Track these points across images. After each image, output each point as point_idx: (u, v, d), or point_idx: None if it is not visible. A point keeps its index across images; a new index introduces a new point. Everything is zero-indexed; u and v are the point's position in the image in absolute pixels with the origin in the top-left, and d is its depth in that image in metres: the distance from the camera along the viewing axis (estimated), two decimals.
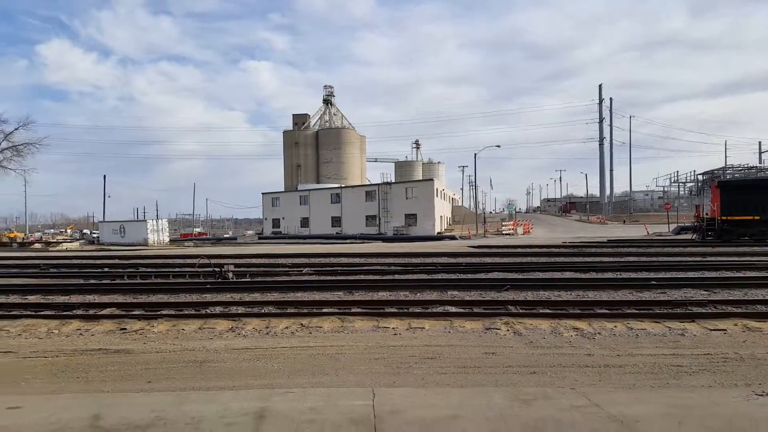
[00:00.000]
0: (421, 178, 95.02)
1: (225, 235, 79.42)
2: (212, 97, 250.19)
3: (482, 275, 14.92)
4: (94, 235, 67.06)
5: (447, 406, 4.35)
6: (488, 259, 19.99)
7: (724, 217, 27.29)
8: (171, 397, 4.77)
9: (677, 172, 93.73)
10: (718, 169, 76.40)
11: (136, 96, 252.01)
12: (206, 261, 17.89)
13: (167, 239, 58.09)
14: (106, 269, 18.51)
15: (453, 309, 9.51)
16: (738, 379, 5.30)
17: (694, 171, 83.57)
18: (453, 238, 46.90)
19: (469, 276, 14.73)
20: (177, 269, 17.59)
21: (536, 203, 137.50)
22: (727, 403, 4.39)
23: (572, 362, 6.11)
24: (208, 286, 13.02)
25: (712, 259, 18.30)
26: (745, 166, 75.59)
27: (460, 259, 19.92)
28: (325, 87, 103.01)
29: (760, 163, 75.76)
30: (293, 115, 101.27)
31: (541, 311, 9.18)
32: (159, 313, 9.64)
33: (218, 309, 10.09)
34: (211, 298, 11.63)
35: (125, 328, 8.58)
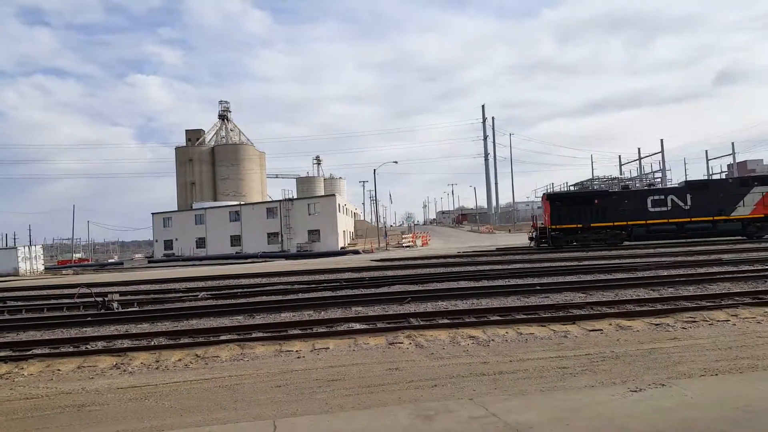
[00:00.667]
0: (323, 193, 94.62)
1: (110, 260, 73.46)
2: (95, 113, 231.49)
3: (385, 289, 15.12)
4: None
5: (352, 431, 4.30)
6: (390, 272, 20.31)
7: (554, 226, 30.84)
8: None
9: (552, 183, 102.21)
10: (586, 180, 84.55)
11: (6, 111, 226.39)
12: (87, 290, 16.31)
13: (42, 267, 52.41)
14: None
15: (357, 326, 9.51)
16: (615, 377, 5.80)
17: (567, 182, 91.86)
18: (356, 252, 47.15)
19: (373, 290, 14.85)
20: (53, 301, 15.89)
21: (432, 216, 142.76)
22: (607, 402, 4.78)
23: (470, 371, 6.33)
24: (89, 318, 11.87)
25: (587, 263, 20.08)
26: (608, 177, 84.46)
27: (364, 274, 20.04)
28: (221, 102, 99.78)
29: (620, 174, 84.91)
30: (186, 130, 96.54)
31: (440, 322, 9.46)
32: (30, 352, 8.60)
33: (101, 344, 9.21)
34: (93, 332, 10.61)
35: None
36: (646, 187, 36.05)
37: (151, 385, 6.45)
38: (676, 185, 32.53)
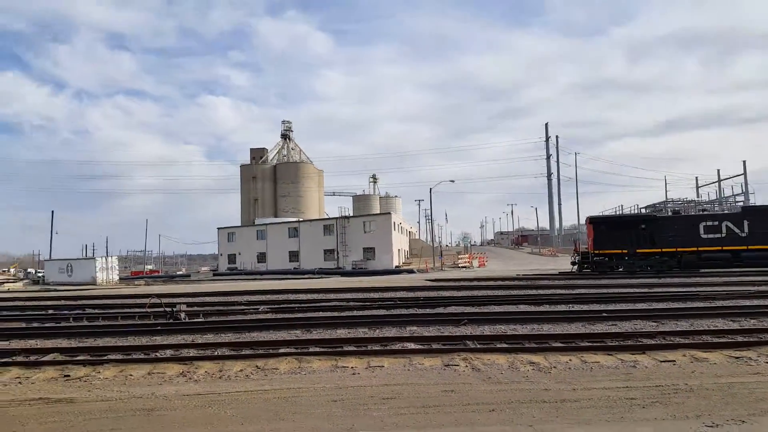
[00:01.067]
0: (378, 211, 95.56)
1: (178, 272, 77.08)
2: (169, 132, 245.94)
3: (440, 309, 14.97)
4: (40, 274, 63.60)
5: None
6: (446, 293, 20.10)
7: (597, 251, 29.87)
8: None
9: (621, 206, 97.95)
10: (659, 203, 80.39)
11: (90, 129, 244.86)
12: (157, 300, 17.19)
13: (117, 278, 55.84)
14: (50, 311, 17.52)
15: (412, 345, 9.45)
16: (689, 411, 5.45)
17: (637, 205, 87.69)
18: (411, 271, 47.06)
19: (428, 310, 14.74)
20: (126, 310, 16.84)
21: (490, 236, 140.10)
22: None
23: (529, 398, 6.14)
24: (159, 327, 12.49)
25: (658, 290, 19.03)
26: (684, 199, 79.99)
27: (418, 293, 19.95)
28: (284, 122, 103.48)
29: (697, 196, 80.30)
30: (251, 149, 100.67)
31: (498, 346, 9.24)
32: (105, 357, 9.14)
33: (169, 352, 9.65)
34: (162, 340, 11.14)
35: (69, 375, 8.07)
36: (698, 212, 34.12)
37: (214, 393, 6.69)
38: (732, 211, 30.46)
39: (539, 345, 9.20)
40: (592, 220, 31.68)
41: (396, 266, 54.51)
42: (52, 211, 70.64)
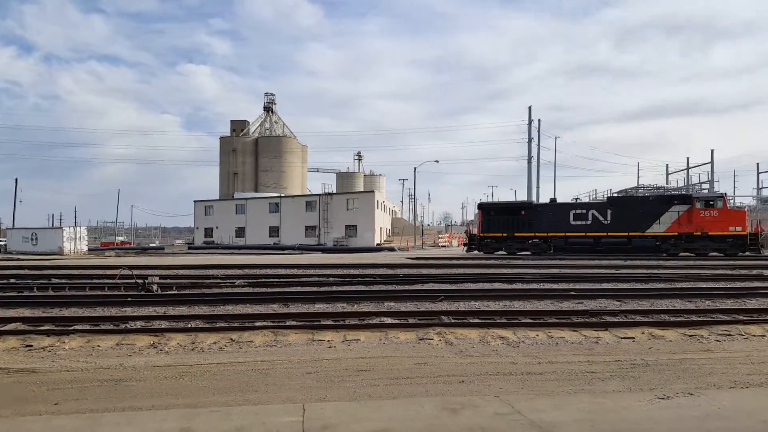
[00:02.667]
0: (362, 189, 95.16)
1: (151, 245, 75.91)
2: (145, 100, 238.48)
3: (418, 286, 15.17)
4: (1, 243, 61.79)
5: (378, 419, 4.39)
6: (425, 271, 20.34)
7: (483, 234, 32.82)
8: (81, 421, 4.49)
9: (595, 190, 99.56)
10: (631, 188, 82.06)
11: (61, 95, 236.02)
12: (128, 272, 16.98)
13: (86, 248, 54.54)
14: (12, 280, 17.06)
15: (389, 320, 9.61)
16: (644, 384, 5.71)
17: (611, 189, 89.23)
18: (392, 249, 47.40)
19: (406, 287, 14.93)
20: (95, 281, 16.55)
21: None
22: (634, 407, 4.72)
23: (498, 370, 6.34)
24: (129, 299, 12.37)
25: (624, 271, 19.61)
26: (654, 185, 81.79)
27: (398, 271, 20.13)
28: (266, 94, 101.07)
29: (667, 183, 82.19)
30: (231, 121, 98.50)
31: (471, 321, 9.47)
32: (72, 328, 8.98)
33: (139, 323, 9.60)
34: (132, 312, 11.05)
35: (31, 345, 7.95)
36: (571, 201, 36.63)
37: (186, 365, 6.71)
38: (599, 200, 32.81)
39: (510, 321, 9.45)
40: (481, 207, 34.57)
41: (377, 244, 54.70)
42: (16, 179, 68.24)
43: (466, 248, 34.67)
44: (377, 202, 59.32)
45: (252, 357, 7.15)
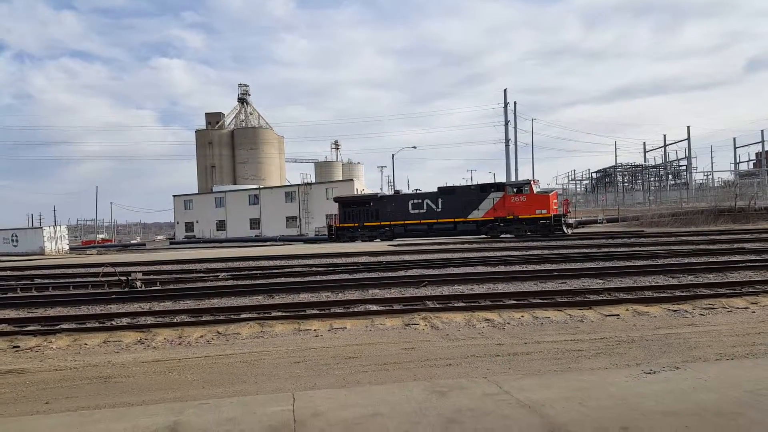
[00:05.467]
0: (341, 178, 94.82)
1: (132, 242, 74.86)
2: (119, 96, 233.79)
3: (402, 272, 15.22)
4: None
5: (368, 404, 4.42)
6: (407, 257, 20.40)
7: (339, 224, 36.47)
8: (72, 418, 4.46)
9: (574, 170, 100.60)
10: (609, 167, 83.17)
11: (34, 93, 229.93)
12: (111, 269, 16.77)
13: (67, 247, 53.63)
14: None
15: (374, 307, 9.64)
16: (630, 360, 5.83)
17: (589, 170, 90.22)
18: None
19: (390, 274, 14.97)
20: (78, 279, 16.33)
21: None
22: (621, 383, 4.82)
23: (485, 352, 6.42)
24: (114, 296, 12.22)
25: (606, 250, 19.91)
26: (632, 164, 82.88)
27: (381, 258, 20.17)
28: (240, 85, 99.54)
29: (645, 161, 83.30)
30: (206, 113, 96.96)
31: (456, 305, 9.54)
32: (58, 327, 8.90)
33: (125, 320, 9.52)
34: (117, 308, 10.93)
35: (18, 346, 7.86)
36: (411, 192, 39.75)
37: (174, 360, 6.67)
38: (432, 191, 35.74)
39: (494, 303, 9.55)
40: (337, 200, 38.55)
41: None
42: None
43: (330, 236, 37.74)
44: (357, 190, 59.24)
45: (239, 349, 7.13)
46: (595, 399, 4.35)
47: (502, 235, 31.88)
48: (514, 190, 31.99)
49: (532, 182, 32.87)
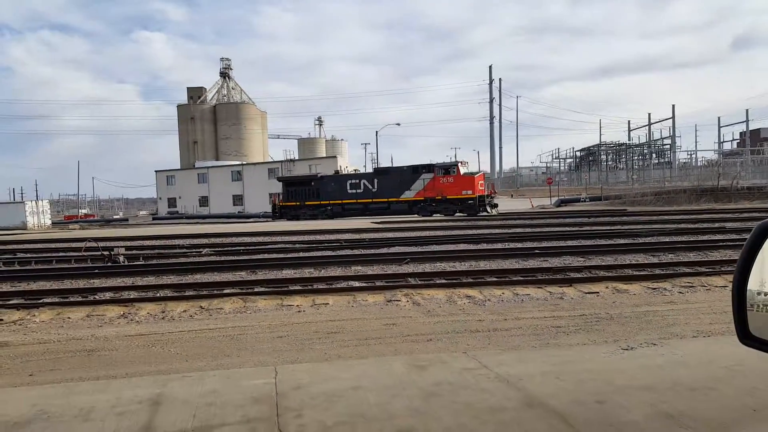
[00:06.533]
0: (324, 155, 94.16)
1: (115, 217, 73.98)
2: (100, 69, 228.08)
3: (384, 249, 15.30)
4: None
5: (349, 378, 4.49)
6: (390, 234, 20.48)
7: (283, 203, 37.38)
8: (56, 390, 4.46)
9: (558, 149, 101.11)
10: (593, 146, 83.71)
11: (13, 66, 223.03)
12: (94, 244, 16.57)
13: (49, 222, 52.80)
14: None
15: (356, 284, 9.70)
16: (608, 337, 5.98)
17: (573, 148, 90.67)
18: None
19: (372, 251, 15.04)
20: (61, 254, 16.16)
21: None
22: (598, 358, 4.94)
23: (465, 328, 6.53)
24: (96, 270, 12.13)
25: (588, 228, 20.18)
26: (617, 142, 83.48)
27: (364, 235, 20.21)
28: (222, 59, 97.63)
29: (629, 139, 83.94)
30: (188, 88, 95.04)
31: (437, 282, 9.64)
32: (41, 301, 8.85)
33: (108, 294, 9.46)
34: (100, 283, 10.86)
35: (1, 319, 7.81)
36: (351, 173, 41.49)
37: (157, 334, 6.68)
38: (369, 172, 37.65)
39: (476, 280, 9.67)
40: (281, 180, 40.03)
41: None
42: None
43: (273, 215, 38.79)
44: (340, 167, 58.93)
45: (222, 323, 7.16)
46: (572, 373, 4.46)
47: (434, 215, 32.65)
48: (443, 171, 33.01)
49: (459, 164, 33.96)
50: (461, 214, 32.06)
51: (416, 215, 32.74)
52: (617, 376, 4.36)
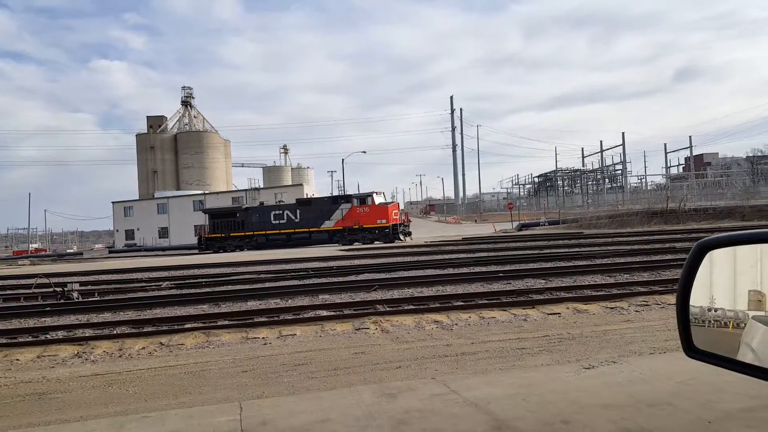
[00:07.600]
0: (290, 183, 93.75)
1: (68, 251, 71.11)
2: (55, 99, 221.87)
3: (352, 277, 15.22)
4: None
5: (317, 410, 4.40)
6: (357, 261, 20.42)
7: (209, 235, 37.94)
8: None
9: (518, 175, 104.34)
10: (550, 172, 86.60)
11: None
12: (45, 280, 15.83)
13: None
14: None
15: (324, 312, 9.58)
16: (570, 356, 6.08)
17: (532, 174, 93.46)
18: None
19: (340, 279, 14.94)
20: (9, 291, 15.38)
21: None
22: (562, 378, 5.02)
23: (433, 353, 6.52)
24: (48, 308, 11.58)
25: (548, 251, 20.67)
26: (572, 168, 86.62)
27: (331, 263, 20.08)
28: (184, 88, 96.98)
29: (583, 165, 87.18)
30: (148, 117, 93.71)
31: (406, 308, 9.64)
32: None
33: (61, 333, 9.03)
34: (52, 321, 10.37)
35: None
36: (275, 204, 42.22)
37: (114, 373, 6.40)
38: (292, 203, 38.27)
39: (443, 305, 9.72)
40: (206, 212, 40.62)
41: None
42: None
43: (198, 246, 39.20)
44: (306, 194, 58.73)
45: (184, 360, 6.92)
46: (537, 395, 4.51)
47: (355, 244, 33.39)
48: (359, 201, 34.27)
49: (374, 194, 35.13)
50: (378, 242, 33.02)
51: (337, 244, 33.20)
52: (581, 396, 4.44)
